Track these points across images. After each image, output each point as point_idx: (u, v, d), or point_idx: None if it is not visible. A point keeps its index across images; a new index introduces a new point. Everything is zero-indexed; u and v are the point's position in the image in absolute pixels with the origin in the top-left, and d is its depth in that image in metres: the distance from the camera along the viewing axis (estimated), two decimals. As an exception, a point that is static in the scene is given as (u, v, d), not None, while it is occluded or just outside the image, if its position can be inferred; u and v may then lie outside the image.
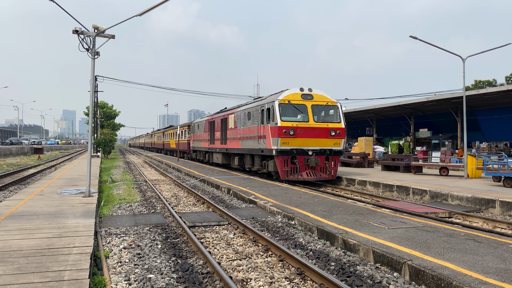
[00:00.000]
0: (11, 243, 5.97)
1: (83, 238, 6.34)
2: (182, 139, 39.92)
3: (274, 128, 16.38)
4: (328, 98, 17.41)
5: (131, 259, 6.44)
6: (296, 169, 16.50)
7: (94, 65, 11.38)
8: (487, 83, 53.90)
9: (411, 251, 5.93)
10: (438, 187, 13.75)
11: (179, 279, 5.52)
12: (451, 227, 7.81)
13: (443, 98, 25.35)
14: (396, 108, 30.15)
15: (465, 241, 6.54)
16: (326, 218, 8.57)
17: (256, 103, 19.32)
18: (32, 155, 51.48)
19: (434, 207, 11.39)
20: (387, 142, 35.54)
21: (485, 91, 23.08)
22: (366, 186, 16.24)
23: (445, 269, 5.10)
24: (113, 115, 65.35)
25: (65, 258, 5.28)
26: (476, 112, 27.26)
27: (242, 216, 9.82)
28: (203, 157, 30.79)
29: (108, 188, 15.86)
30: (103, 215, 10.09)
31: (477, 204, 11.44)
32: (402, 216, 8.94)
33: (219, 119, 25.06)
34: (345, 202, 11.00)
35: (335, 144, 16.96)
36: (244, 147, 20.09)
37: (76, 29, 10.89)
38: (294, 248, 7.12)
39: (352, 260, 6.27)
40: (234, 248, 7.20)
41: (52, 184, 14.19)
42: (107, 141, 43.69)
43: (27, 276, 4.58)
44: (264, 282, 5.45)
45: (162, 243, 7.46)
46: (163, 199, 12.27)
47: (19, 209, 8.85)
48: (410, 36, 18.19)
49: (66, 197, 10.85)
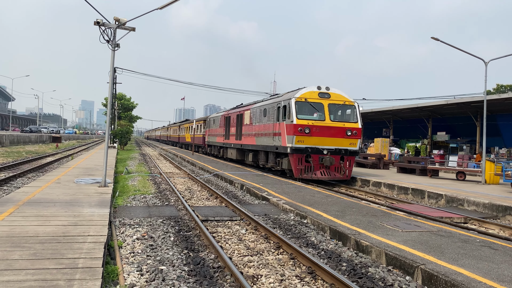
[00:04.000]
0: (28, 229, 6.09)
1: (97, 227, 6.44)
2: (198, 133, 40.13)
3: (290, 126, 16.33)
4: (346, 97, 17.27)
5: (143, 250, 6.51)
6: (310, 168, 16.43)
7: (114, 57, 11.50)
8: (509, 88, 52.71)
9: (424, 255, 5.86)
10: (454, 191, 13.54)
11: (190, 272, 5.56)
12: (467, 233, 7.69)
13: (463, 101, 24.89)
14: (414, 110, 29.73)
15: (480, 248, 6.43)
16: (339, 218, 8.52)
17: (272, 100, 19.28)
18: (50, 143, 52.43)
19: (449, 211, 11.22)
20: (403, 144, 35.09)
21: (507, 96, 22.58)
22: (380, 187, 16.08)
23: (459, 275, 5.02)
24: (130, 107, 65.89)
25: (79, 246, 5.37)
26: (497, 117, 26.70)
27: (254, 212, 9.84)
28: (217, 152, 30.91)
29: (123, 179, 16.06)
30: (118, 205, 10.23)
31: (494, 211, 11.23)
32: (417, 219, 8.83)
33: (235, 114, 25.10)
34: (359, 203, 10.92)
35: (351, 144, 16.83)
36: (258, 144, 20.09)
37: (97, 20, 11.00)
38: (306, 246, 7.10)
39: (364, 261, 6.22)
40: (246, 244, 7.22)
41: (69, 172, 14.43)
42: (124, 133, 44.20)
43: (42, 262, 4.67)
44: (274, 279, 5.45)
45: (175, 235, 7.53)
46: (177, 192, 12.36)
47: (37, 196, 9.02)
48: (432, 37, 17.89)
49: (82, 186, 11.02)
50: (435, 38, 17.85)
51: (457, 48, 18.56)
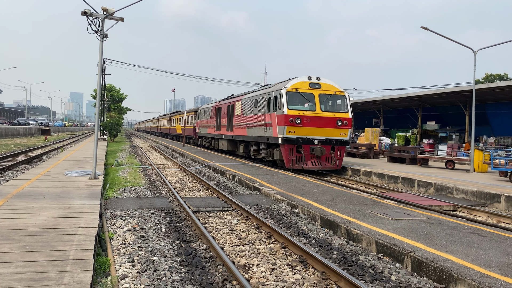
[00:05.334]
0: (17, 222, 6.05)
1: (88, 219, 6.41)
2: (188, 124, 39.97)
3: (281, 116, 16.33)
4: (336, 87, 17.29)
5: (135, 241, 6.51)
6: (301, 158, 16.48)
7: (102, 48, 11.36)
8: (498, 77, 53.17)
9: (414, 243, 5.93)
10: (444, 180, 13.70)
11: (182, 263, 5.58)
12: (455, 220, 7.80)
13: (452, 91, 25.07)
14: (404, 99, 29.89)
15: (468, 235, 6.53)
16: (330, 207, 8.58)
17: (263, 91, 19.24)
18: (39, 136, 51.88)
19: (438, 200, 11.36)
20: (394, 133, 35.33)
21: (495, 85, 22.78)
22: (371, 177, 16.21)
23: (447, 262, 5.10)
24: (120, 98, 65.33)
25: (70, 238, 5.34)
26: (486, 106, 26.96)
27: (246, 202, 9.86)
28: (208, 143, 30.85)
29: (113, 171, 15.97)
30: (109, 197, 10.18)
31: (482, 199, 11.39)
32: (406, 207, 8.93)
33: (226, 105, 25.01)
34: (350, 192, 11.00)
35: (342, 134, 16.90)
36: (250, 135, 20.08)
37: (85, 10, 10.85)
38: (297, 236, 7.14)
39: (355, 249, 6.29)
40: (238, 233, 7.24)
41: (58, 165, 14.30)
42: (114, 125, 43.87)
43: (32, 254, 4.65)
44: (266, 268, 5.49)
45: (166, 226, 7.52)
46: (168, 184, 12.33)
47: (26, 189, 8.94)
48: (422, 27, 17.95)
49: (72, 179, 10.94)
50: (425, 27, 17.90)
51: (446, 38, 18.65)
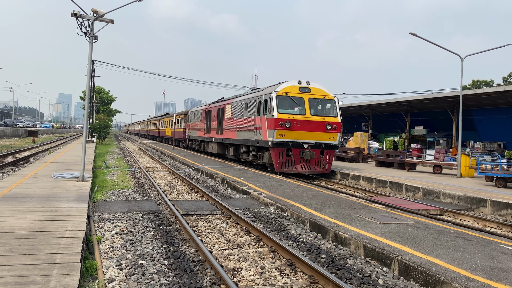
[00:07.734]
0: (3, 225, 5.96)
1: (75, 222, 6.35)
2: (178, 127, 39.81)
3: (271, 120, 16.38)
4: (326, 92, 17.41)
5: (123, 244, 6.46)
6: (291, 162, 16.54)
7: (92, 50, 11.29)
8: (484, 83, 54.01)
9: (401, 247, 5.99)
10: (431, 184, 13.85)
11: (170, 266, 5.55)
12: (442, 224, 7.89)
13: (440, 96, 25.41)
14: (393, 104, 30.20)
15: (455, 239, 6.61)
16: (319, 211, 8.62)
17: (253, 94, 19.28)
18: (26, 137, 51.19)
19: (426, 204, 11.48)
20: (382, 138, 35.62)
21: (481, 91, 23.14)
22: (359, 181, 16.32)
23: (434, 265, 5.16)
24: (109, 100, 64.81)
25: (57, 241, 5.29)
26: (472, 112, 27.35)
27: (235, 206, 9.86)
28: (198, 146, 30.76)
29: (102, 173, 15.84)
30: (97, 200, 10.09)
31: (469, 203, 11.55)
32: (394, 212, 9.01)
33: (216, 108, 25.00)
34: (338, 196, 11.06)
35: (331, 138, 17.00)
36: (240, 138, 20.09)
37: (74, 12, 10.77)
38: (286, 239, 7.16)
39: (343, 253, 6.33)
40: (226, 237, 7.24)
41: (46, 167, 14.14)
42: (102, 127, 43.52)
43: (18, 258, 4.59)
44: (254, 272, 5.49)
45: (155, 230, 7.49)
46: (157, 187, 12.27)
47: (12, 191, 8.82)
48: (410, 33, 18.15)
49: (60, 181, 10.83)
50: (413, 33, 18.12)
51: (434, 44, 18.89)
